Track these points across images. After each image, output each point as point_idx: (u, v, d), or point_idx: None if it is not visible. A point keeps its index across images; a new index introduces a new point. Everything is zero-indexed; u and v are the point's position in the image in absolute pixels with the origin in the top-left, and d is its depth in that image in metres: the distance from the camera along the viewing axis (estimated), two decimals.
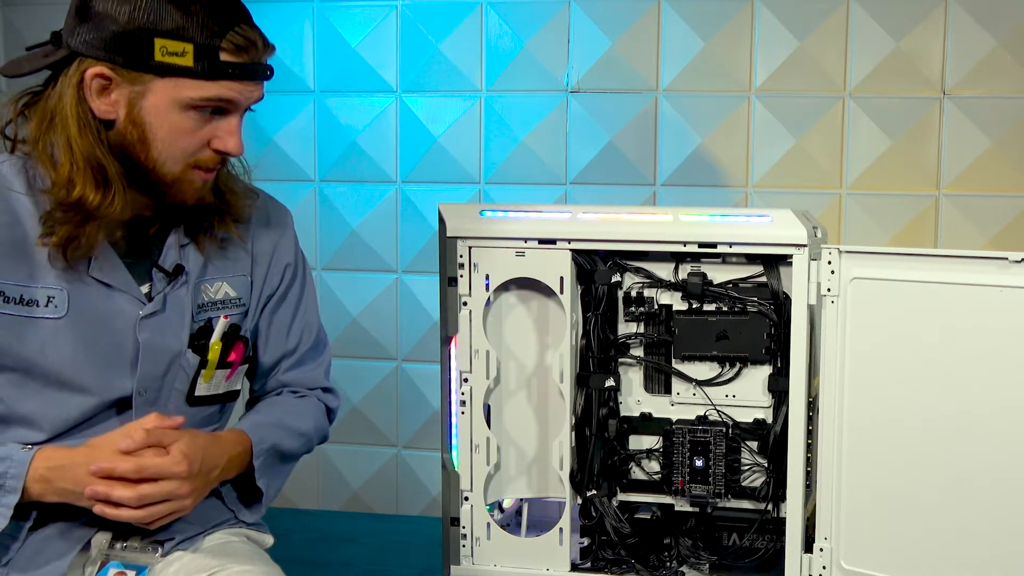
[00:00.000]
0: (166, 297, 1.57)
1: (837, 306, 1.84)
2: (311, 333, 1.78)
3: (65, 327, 1.51)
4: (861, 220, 2.94)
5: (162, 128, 1.48)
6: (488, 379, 2.03)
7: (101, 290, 1.53)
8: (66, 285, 1.51)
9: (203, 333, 1.61)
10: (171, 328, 1.58)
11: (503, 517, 2.11)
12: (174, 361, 1.58)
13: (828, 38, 2.91)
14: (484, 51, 3.12)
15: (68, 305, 1.51)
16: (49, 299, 1.50)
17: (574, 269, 2.01)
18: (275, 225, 1.72)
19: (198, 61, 1.45)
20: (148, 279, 1.57)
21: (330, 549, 3.09)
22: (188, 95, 1.46)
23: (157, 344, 1.56)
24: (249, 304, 1.68)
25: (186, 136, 1.49)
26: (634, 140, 3.04)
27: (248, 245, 1.67)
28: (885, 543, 1.83)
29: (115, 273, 1.54)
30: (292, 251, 1.74)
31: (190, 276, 1.59)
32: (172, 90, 1.46)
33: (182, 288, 1.59)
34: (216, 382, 1.63)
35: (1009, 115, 2.84)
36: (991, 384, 1.72)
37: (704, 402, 2.01)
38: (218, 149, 1.52)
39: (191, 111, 1.48)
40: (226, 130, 1.51)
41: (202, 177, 1.53)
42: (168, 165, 1.50)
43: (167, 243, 1.58)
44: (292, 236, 1.75)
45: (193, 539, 1.62)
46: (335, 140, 3.24)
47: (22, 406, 1.52)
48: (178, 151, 1.49)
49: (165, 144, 1.48)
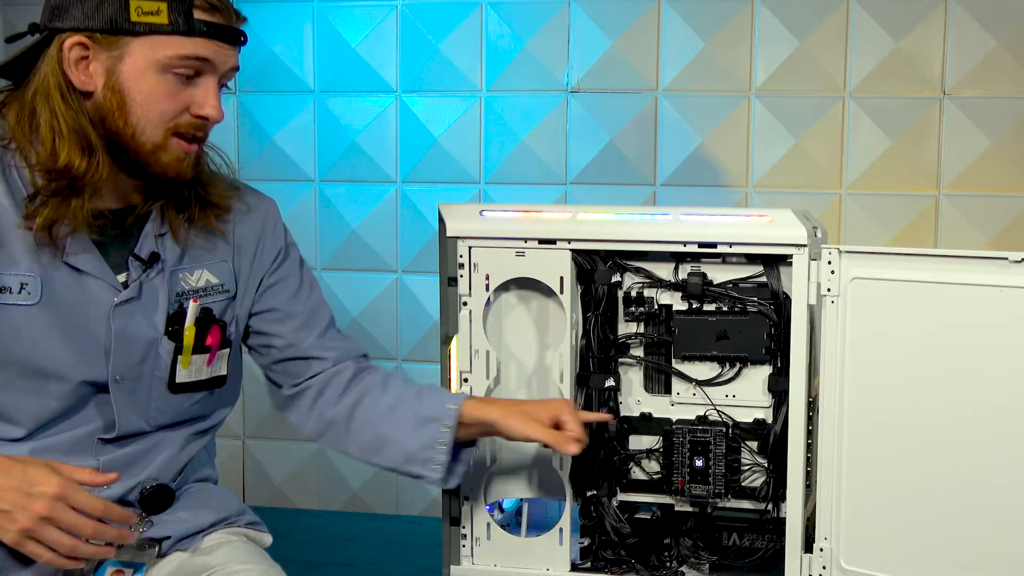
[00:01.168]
0: (141, 285, 1.57)
1: (837, 306, 1.84)
2: (327, 306, 1.81)
3: (39, 313, 1.51)
4: (861, 220, 2.94)
5: (140, 92, 1.49)
6: (488, 379, 2.03)
7: (75, 277, 1.53)
8: (39, 272, 1.51)
9: (177, 319, 1.61)
10: (145, 315, 1.58)
11: (503, 517, 2.11)
12: (150, 348, 1.59)
13: (828, 38, 2.91)
14: (484, 51, 3.12)
15: (41, 292, 1.51)
16: (22, 286, 1.50)
17: (574, 269, 2.01)
18: (257, 213, 1.73)
19: (173, 18, 1.47)
20: (125, 268, 1.58)
21: (330, 549, 3.09)
22: (164, 53, 1.48)
23: (131, 331, 1.56)
24: (236, 290, 1.68)
25: (164, 100, 1.50)
26: (634, 140, 3.04)
27: (229, 236, 1.68)
28: (885, 543, 1.83)
29: (89, 260, 1.54)
30: (282, 237, 1.75)
31: (166, 264, 1.60)
32: (149, 51, 1.47)
33: (157, 276, 1.59)
34: (196, 368, 1.63)
35: (1009, 115, 2.84)
36: (991, 384, 1.72)
37: (704, 402, 2.01)
38: (197, 114, 1.52)
39: (168, 74, 1.49)
40: (203, 94, 1.52)
41: (183, 147, 1.53)
42: (148, 132, 1.50)
43: (144, 232, 1.59)
44: (279, 223, 1.76)
45: (192, 538, 1.62)
46: (335, 140, 3.24)
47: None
48: (156, 115, 1.50)
49: (144, 109, 1.49)
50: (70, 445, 1.55)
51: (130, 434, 1.59)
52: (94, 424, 1.57)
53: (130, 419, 1.58)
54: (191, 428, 1.66)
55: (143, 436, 1.61)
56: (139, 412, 1.59)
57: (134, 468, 1.60)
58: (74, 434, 1.56)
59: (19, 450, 1.52)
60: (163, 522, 1.60)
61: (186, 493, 1.66)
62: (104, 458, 1.57)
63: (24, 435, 1.53)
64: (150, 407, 1.60)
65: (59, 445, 1.55)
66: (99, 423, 1.57)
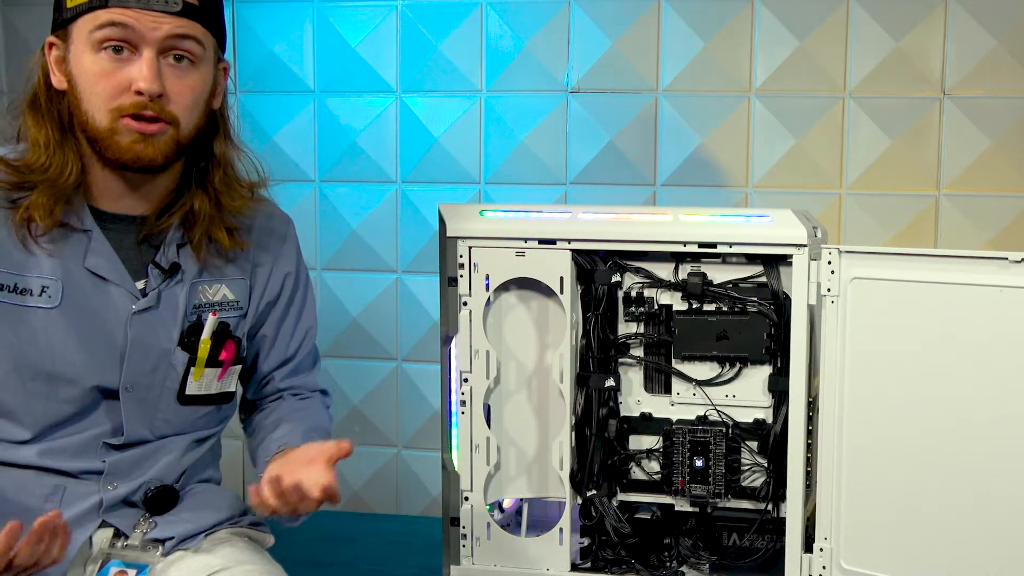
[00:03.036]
0: (160, 294, 1.57)
1: (837, 306, 1.84)
2: (310, 340, 1.79)
3: (58, 317, 1.51)
4: (861, 220, 2.94)
5: (82, 76, 1.50)
6: (488, 379, 2.03)
7: (95, 282, 1.54)
8: (60, 275, 1.52)
9: (193, 330, 1.61)
10: (162, 325, 1.58)
11: (503, 517, 2.11)
12: (163, 358, 1.59)
13: (828, 38, 2.91)
14: (484, 51, 3.12)
15: (61, 295, 1.52)
16: (43, 289, 1.51)
17: (574, 269, 2.01)
18: (277, 234, 1.72)
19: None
20: (145, 275, 1.58)
21: (330, 549, 3.09)
22: (88, 30, 1.49)
23: (147, 340, 1.56)
24: (248, 308, 1.68)
25: (101, 79, 1.50)
26: (634, 140, 3.04)
27: (250, 252, 1.67)
28: (885, 543, 1.83)
29: (110, 266, 1.54)
30: (293, 260, 1.74)
31: (186, 275, 1.60)
32: (82, 32, 1.50)
33: (177, 286, 1.59)
34: (207, 381, 1.63)
35: (1009, 115, 2.84)
36: (991, 384, 1.72)
37: (704, 402, 2.01)
38: (136, 90, 1.50)
39: (100, 52, 1.49)
40: (137, 68, 1.50)
41: (133, 127, 1.50)
42: (97, 117, 1.50)
43: (166, 241, 1.59)
44: (294, 245, 1.75)
45: (194, 538, 1.62)
46: (335, 140, 3.24)
47: (8, 399, 1.52)
48: (97, 97, 1.50)
49: (87, 93, 1.50)
50: (76, 448, 1.56)
51: (135, 441, 1.60)
52: (101, 428, 1.57)
53: (136, 427, 1.59)
54: (193, 436, 1.67)
55: (147, 441, 1.61)
56: (145, 422, 1.60)
57: (138, 470, 1.60)
58: (81, 438, 1.56)
59: (25, 452, 1.53)
60: (166, 523, 1.60)
61: (189, 494, 1.66)
62: (109, 460, 1.57)
63: (31, 437, 1.53)
64: (156, 417, 1.60)
65: (66, 448, 1.55)
66: (107, 427, 1.57)
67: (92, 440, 1.57)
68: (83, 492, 1.56)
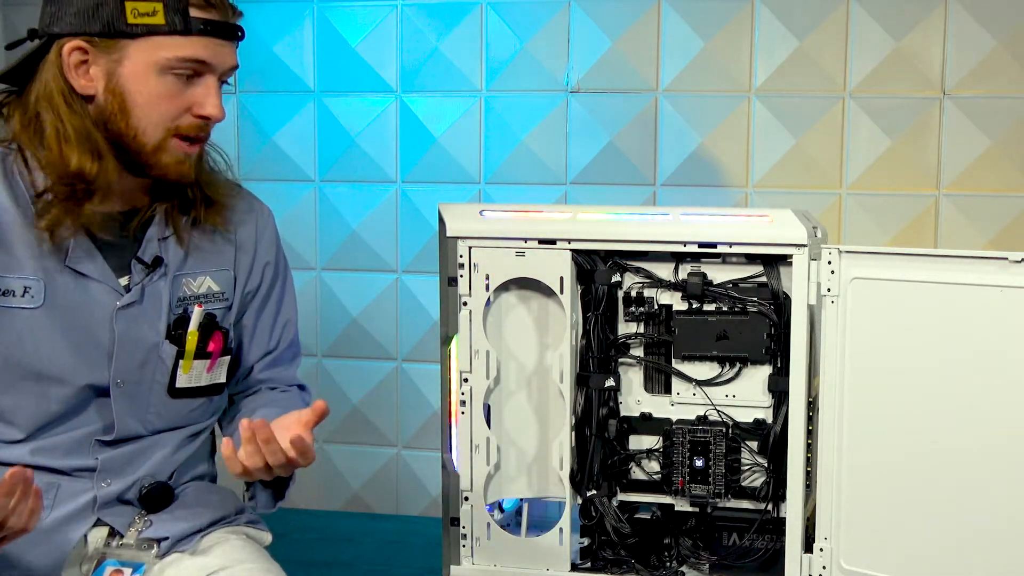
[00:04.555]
0: (144, 288, 1.57)
1: (837, 306, 1.84)
2: (290, 332, 1.79)
3: (41, 317, 1.51)
4: (861, 220, 2.94)
5: (141, 95, 1.49)
6: (488, 379, 2.03)
7: (78, 280, 1.53)
8: (43, 275, 1.51)
9: (180, 323, 1.61)
10: (148, 319, 1.58)
11: (503, 517, 2.11)
12: (151, 352, 1.59)
13: (828, 38, 2.91)
14: (484, 51, 3.12)
15: (44, 295, 1.51)
16: (25, 289, 1.51)
17: (574, 269, 2.01)
18: (256, 222, 1.73)
19: (169, 18, 1.46)
20: (128, 272, 1.58)
21: (330, 549, 3.09)
22: (163, 55, 1.47)
23: (133, 335, 1.56)
24: (233, 299, 1.68)
25: (164, 101, 1.49)
26: (634, 140, 3.04)
27: (232, 237, 1.67)
28: (885, 543, 1.83)
29: (92, 263, 1.54)
30: (273, 250, 1.74)
31: (169, 268, 1.60)
32: (147, 53, 1.47)
33: (160, 280, 1.59)
34: (196, 373, 1.63)
35: (1009, 115, 2.84)
36: (991, 384, 1.72)
37: (704, 402, 2.01)
38: (199, 114, 1.52)
39: (168, 75, 1.48)
40: (204, 94, 1.51)
41: (183, 148, 1.53)
42: (149, 133, 1.50)
43: (147, 236, 1.59)
44: (273, 234, 1.75)
45: (191, 538, 1.62)
46: (335, 140, 3.24)
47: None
48: (157, 116, 1.50)
49: (144, 111, 1.49)
50: (69, 446, 1.56)
51: (127, 437, 1.60)
52: (93, 426, 1.57)
53: (128, 423, 1.59)
54: (186, 431, 1.66)
55: (140, 437, 1.61)
56: (137, 417, 1.59)
57: (132, 466, 1.60)
58: (73, 435, 1.56)
59: (19, 452, 1.53)
60: (162, 522, 1.60)
61: (185, 492, 1.66)
62: (102, 457, 1.57)
63: (24, 437, 1.53)
64: (148, 412, 1.60)
65: (58, 446, 1.55)
66: (99, 425, 1.57)
67: (84, 437, 1.57)
68: (77, 490, 1.56)
